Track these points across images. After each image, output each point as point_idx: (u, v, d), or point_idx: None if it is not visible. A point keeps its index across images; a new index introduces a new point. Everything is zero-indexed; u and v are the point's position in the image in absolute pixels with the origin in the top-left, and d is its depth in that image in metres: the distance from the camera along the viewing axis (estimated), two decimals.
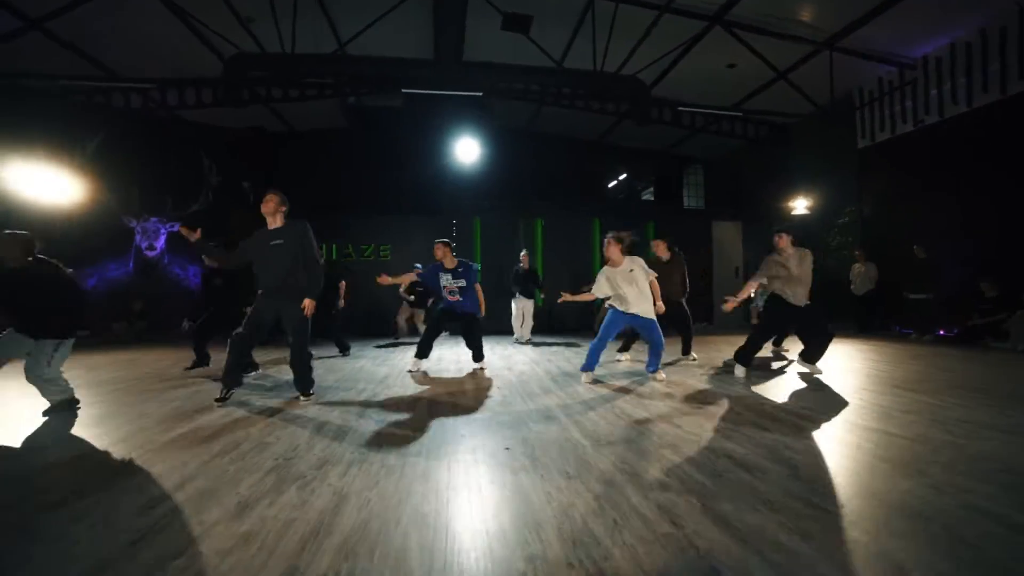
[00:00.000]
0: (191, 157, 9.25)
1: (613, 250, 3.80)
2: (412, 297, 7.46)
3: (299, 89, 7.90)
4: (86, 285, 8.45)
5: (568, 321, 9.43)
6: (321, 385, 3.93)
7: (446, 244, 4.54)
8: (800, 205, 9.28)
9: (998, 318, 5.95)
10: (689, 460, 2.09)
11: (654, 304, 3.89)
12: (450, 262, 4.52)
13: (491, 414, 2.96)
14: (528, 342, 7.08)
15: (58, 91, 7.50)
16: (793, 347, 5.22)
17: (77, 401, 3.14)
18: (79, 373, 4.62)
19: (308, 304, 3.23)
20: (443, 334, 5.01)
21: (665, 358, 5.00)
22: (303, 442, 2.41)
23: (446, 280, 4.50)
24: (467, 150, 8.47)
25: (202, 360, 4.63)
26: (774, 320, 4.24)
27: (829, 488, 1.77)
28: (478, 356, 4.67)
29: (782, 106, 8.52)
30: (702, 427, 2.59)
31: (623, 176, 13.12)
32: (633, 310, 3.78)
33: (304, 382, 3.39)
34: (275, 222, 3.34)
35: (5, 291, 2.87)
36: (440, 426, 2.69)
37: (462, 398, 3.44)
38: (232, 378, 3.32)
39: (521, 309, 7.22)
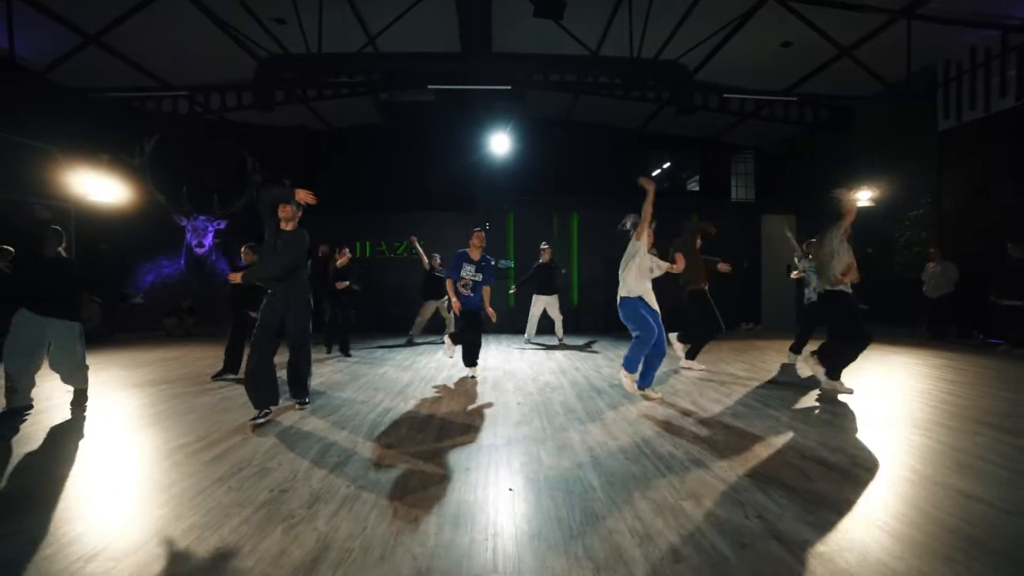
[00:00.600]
0: (236, 157, 9.62)
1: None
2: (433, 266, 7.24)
3: (332, 88, 7.95)
4: (145, 281, 9.05)
5: (596, 320, 9.06)
6: (339, 396, 3.92)
7: (482, 234, 4.48)
8: (864, 197, 8.38)
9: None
10: (712, 519, 1.82)
11: None
12: (476, 253, 4.42)
13: (504, 441, 2.79)
14: (560, 344, 6.80)
15: (115, 100, 7.97)
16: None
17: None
18: (117, 375, 4.91)
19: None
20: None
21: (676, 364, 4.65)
22: (302, 470, 2.34)
23: (467, 271, 4.36)
24: (500, 143, 8.26)
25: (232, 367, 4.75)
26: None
27: None
28: (470, 360, 4.50)
29: (844, 87, 7.70)
30: (734, 470, 2.29)
31: (666, 165, 12.42)
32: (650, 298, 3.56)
33: (303, 389, 3.39)
34: (287, 227, 3.34)
35: (46, 274, 3.37)
36: (446, 456, 2.55)
37: (477, 419, 3.29)
38: (262, 394, 3.15)
39: (544, 306, 6.89)
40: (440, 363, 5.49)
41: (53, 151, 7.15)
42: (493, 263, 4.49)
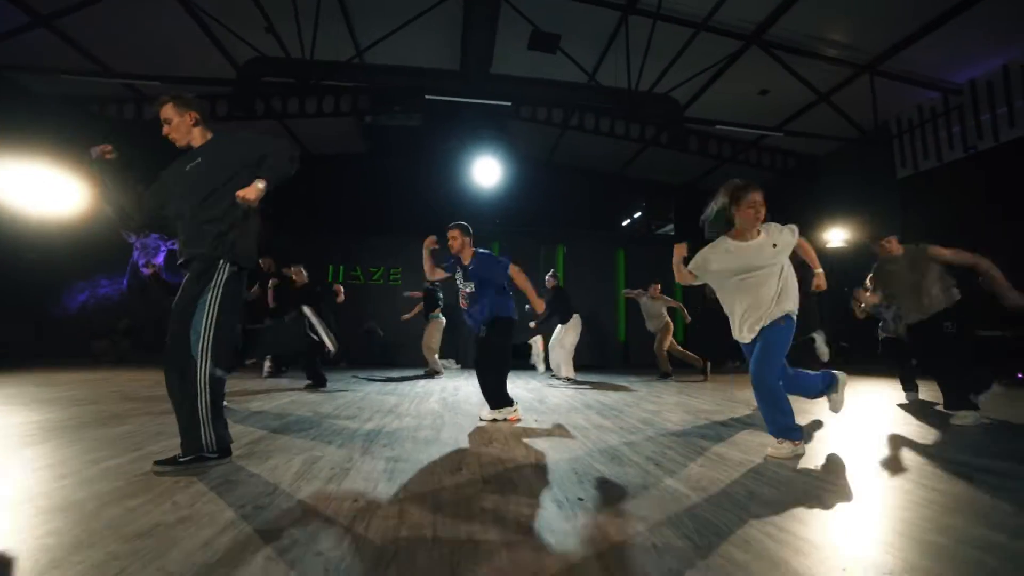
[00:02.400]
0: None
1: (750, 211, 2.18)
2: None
3: (316, 100, 7.65)
4: (75, 301, 7.91)
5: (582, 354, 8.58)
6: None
7: (460, 230, 3.22)
8: (835, 238, 8.74)
9: None
10: None
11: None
12: (466, 255, 3.21)
13: None
14: (569, 380, 5.71)
15: (72, 99, 7.29)
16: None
17: None
18: (28, 390, 3.97)
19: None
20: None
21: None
22: (285, 483, 1.71)
23: (458, 280, 3.27)
24: (486, 172, 8.10)
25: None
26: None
27: None
28: (492, 400, 3.08)
29: (811, 139, 8.19)
30: None
31: (637, 215, 12.71)
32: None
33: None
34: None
35: None
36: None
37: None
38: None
39: (569, 336, 5.91)
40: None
41: None
42: (493, 260, 3.20)
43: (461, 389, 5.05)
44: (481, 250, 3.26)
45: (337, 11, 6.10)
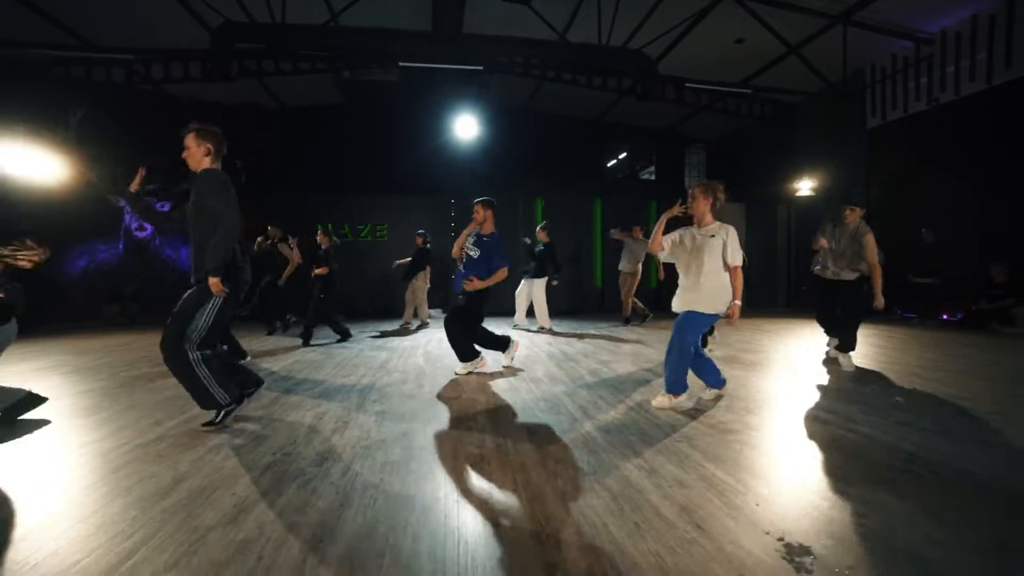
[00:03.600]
0: (180, 134, 8.95)
1: (701, 204, 2.72)
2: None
3: (291, 62, 7.56)
4: (76, 267, 8.26)
5: (559, 301, 9.17)
6: (315, 379, 3.83)
7: (483, 204, 3.69)
8: (805, 186, 9.11)
9: (1007, 303, 5.89)
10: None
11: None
12: (487, 227, 3.68)
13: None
14: (547, 330, 6.28)
15: (35, 63, 7.15)
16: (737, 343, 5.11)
17: (37, 397, 2.63)
18: (65, 359, 4.51)
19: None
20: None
21: None
22: (301, 436, 2.31)
23: (469, 242, 3.71)
24: (465, 127, 8.19)
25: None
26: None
27: None
28: (461, 353, 3.64)
29: (790, 84, 8.26)
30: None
31: (623, 155, 12.85)
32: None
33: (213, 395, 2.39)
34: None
35: None
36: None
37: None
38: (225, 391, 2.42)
39: (528, 289, 6.47)
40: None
41: None
42: (498, 248, 3.65)
43: (444, 342, 5.68)
44: (496, 234, 3.72)
45: None
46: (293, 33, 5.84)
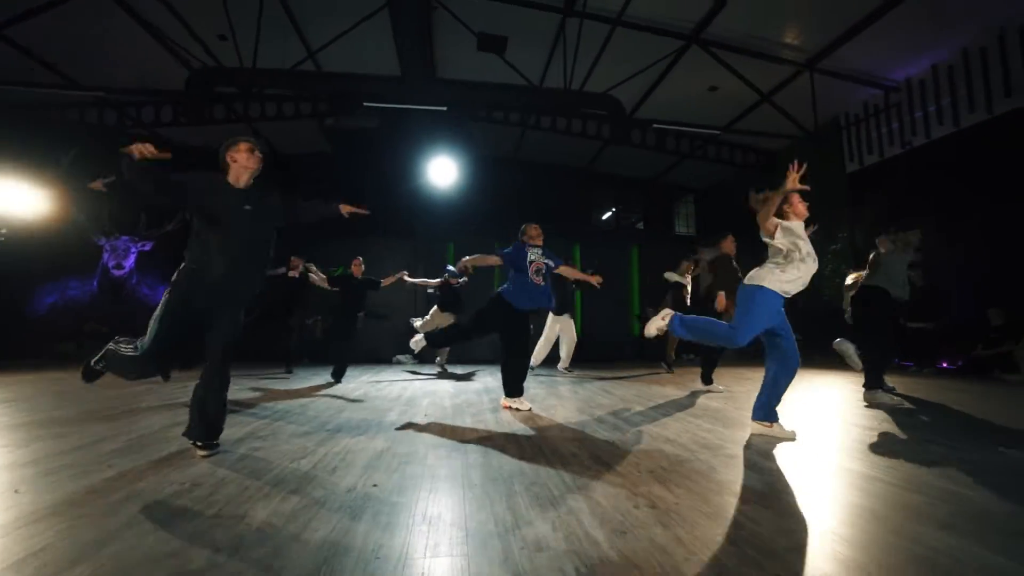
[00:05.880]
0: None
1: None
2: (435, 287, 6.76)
3: (276, 105, 7.83)
4: (43, 304, 8.14)
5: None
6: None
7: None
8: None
9: (1006, 348, 5.46)
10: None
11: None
12: (539, 241, 3.69)
13: None
14: (568, 373, 6.31)
15: (30, 105, 7.47)
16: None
17: None
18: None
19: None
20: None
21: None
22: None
23: (535, 254, 3.60)
24: (442, 172, 8.27)
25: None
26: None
27: None
28: (514, 387, 3.50)
29: (768, 131, 8.36)
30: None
31: (613, 209, 12.89)
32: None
33: (215, 424, 2.29)
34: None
35: None
36: None
37: None
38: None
39: (555, 329, 6.43)
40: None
41: None
42: (554, 259, 3.75)
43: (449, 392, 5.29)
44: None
45: (284, 17, 6.26)
46: (265, 76, 6.02)
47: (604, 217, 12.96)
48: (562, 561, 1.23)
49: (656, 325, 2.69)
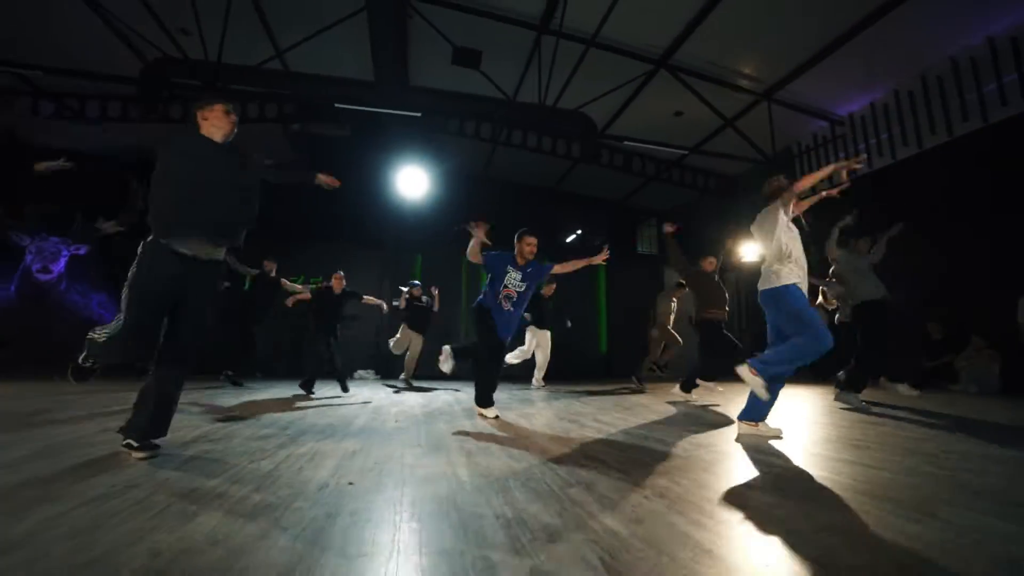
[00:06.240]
0: (113, 176, 8.49)
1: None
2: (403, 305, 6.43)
3: (239, 105, 7.45)
4: None
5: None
6: None
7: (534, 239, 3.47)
8: (751, 252, 9.36)
9: (947, 359, 5.82)
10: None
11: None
12: (524, 260, 3.45)
13: None
14: (541, 387, 6.22)
15: None
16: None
17: None
18: None
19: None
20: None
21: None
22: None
23: (512, 279, 3.36)
24: (413, 184, 8.12)
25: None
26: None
27: None
28: (485, 398, 3.28)
29: (729, 154, 8.79)
30: None
31: (579, 232, 13.08)
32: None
33: (158, 422, 2.00)
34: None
35: None
36: None
37: None
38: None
39: (532, 344, 6.38)
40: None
41: None
42: (544, 271, 3.58)
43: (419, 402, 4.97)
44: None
45: (252, 13, 6.03)
46: (231, 72, 5.73)
47: (568, 240, 13.13)
48: (582, 550, 1.07)
49: (759, 384, 2.45)
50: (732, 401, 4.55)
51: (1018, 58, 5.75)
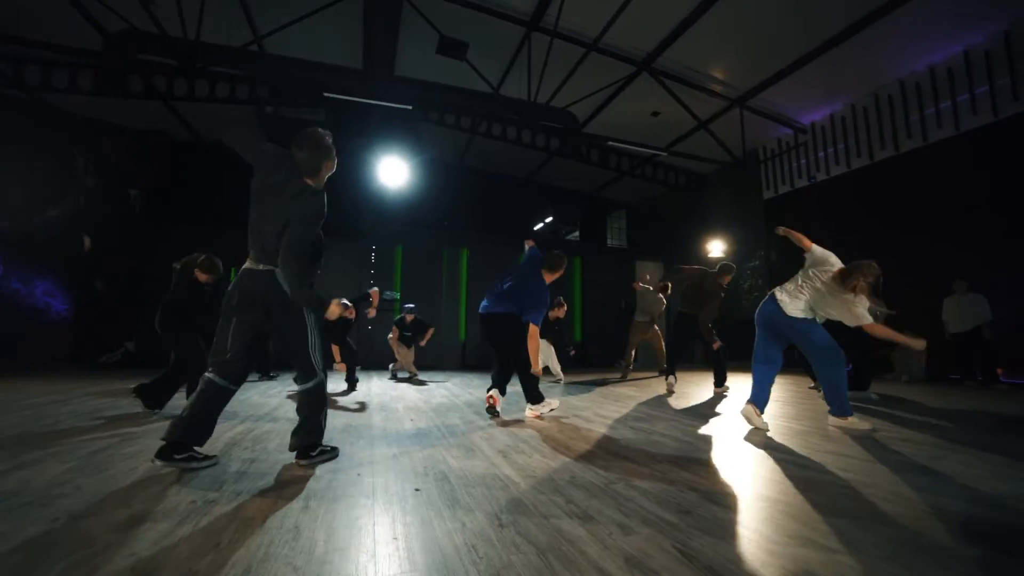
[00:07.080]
0: (58, 151, 7.84)
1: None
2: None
3: (208, 83, 7.05)
4: None
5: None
6: None
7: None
8: (716, 248, 9.94)
9: (882, 352, 6.52)
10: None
11: None
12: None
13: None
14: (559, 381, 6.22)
15: None
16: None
17: None
18: None
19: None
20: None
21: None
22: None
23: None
24: (393, 172, 8.02)
25: None
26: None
27: None
28: (535, 395, 3.34)
29: (700, 155, 9.24)
30: None
31: (549, 219, 13.36)
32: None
33: (313, 434, 2.05)
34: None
35: None
36: None
37: None
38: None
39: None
40: None
41: None
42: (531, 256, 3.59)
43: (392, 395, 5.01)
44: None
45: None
46: (206, 50, 5.43)
47: (537, 228, 13.37)
48: (659, 540, 1.27)
49: (861, 426, 2.93)
50: (704, 391, 4.95)
51: (952, 87, 6.43)
